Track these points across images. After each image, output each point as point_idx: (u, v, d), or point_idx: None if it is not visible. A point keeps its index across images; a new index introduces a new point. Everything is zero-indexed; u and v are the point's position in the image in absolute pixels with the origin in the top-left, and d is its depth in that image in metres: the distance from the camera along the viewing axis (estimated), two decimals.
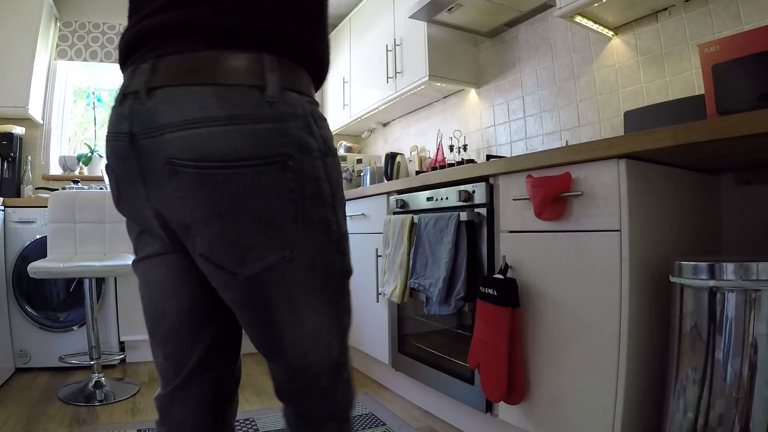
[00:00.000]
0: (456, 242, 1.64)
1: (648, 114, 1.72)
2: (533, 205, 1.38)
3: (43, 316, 2.54)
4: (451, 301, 1.64)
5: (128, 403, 2.09)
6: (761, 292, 0.94)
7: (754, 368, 0.94)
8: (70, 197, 2.46)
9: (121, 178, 0.70)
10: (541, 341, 1.38)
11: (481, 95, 2.73)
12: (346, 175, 3.36)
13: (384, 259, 2.07)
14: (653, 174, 1.23)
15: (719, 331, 0.99)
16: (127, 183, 0.69)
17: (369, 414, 1.96)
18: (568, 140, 2.16)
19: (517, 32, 2.46)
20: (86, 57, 3.29)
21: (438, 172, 1.85)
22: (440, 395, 1.89)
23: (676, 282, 1.09)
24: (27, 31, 2.87)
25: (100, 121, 3.53)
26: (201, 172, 0.60)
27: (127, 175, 0.68)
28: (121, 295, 2.69)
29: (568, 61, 2.17)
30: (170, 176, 0.62)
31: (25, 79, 2.86)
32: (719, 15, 1.59)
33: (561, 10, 1.76)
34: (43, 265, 2.09)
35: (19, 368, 2.53)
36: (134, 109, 0.64)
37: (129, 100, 0.64)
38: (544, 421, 1.38)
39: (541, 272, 1.38)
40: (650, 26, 1.82)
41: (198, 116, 0.60)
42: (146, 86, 0.62)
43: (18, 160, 3.01)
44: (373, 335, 2.35)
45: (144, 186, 0.66)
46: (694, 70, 1.67)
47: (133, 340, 2.73)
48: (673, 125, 1.03)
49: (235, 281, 0.65)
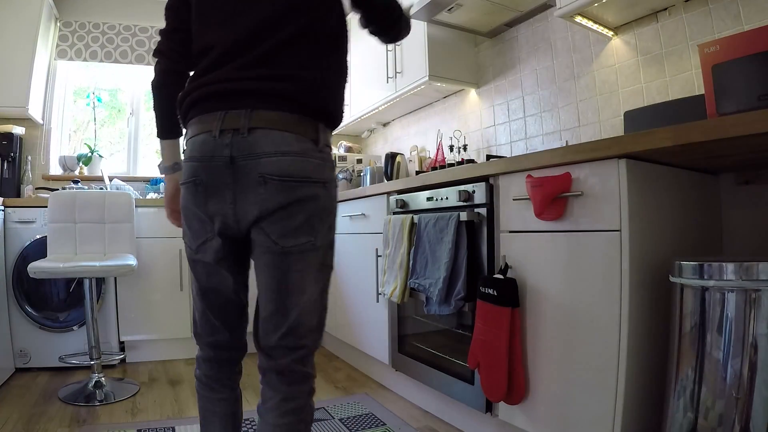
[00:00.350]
0: (456, 242, 1.64)
1: (648, 114, 1.72)
2: (533, 205, 1.38)
3: (43, 316, 2.54)
4: (451, 301, 1.64)
5: (128, 403, 2.09)
6: (761, 292, 0.94)
7: (754, 368, 0.94)
8: (70, 197, 2.46)
9: (211, 187, 0.98)
10: (541, 341, 1.38)
11: (481, 95, 2.73)
12: (347, 175, 3.36)
13: (384, 259, 2.07)
14: (653, 174, 1.24)
15: (719, 331, 0.99)
16: (216, 191, 0.98)
17: (369, 414, 1.96)
18: (568, 140, 2.16)
19: (517, 32, 2.46)
20: (86, 57, 3.29)
21: (438, 172, 1.85)
22: (440, 395, 1.89)
23: (676, 282, 1.09)
24: (27, 31, 2.87)
25: (100, 120, 3.53)
26: (282, 183, 0.95)
27: (220, 185, 0.97)
28: (121, 295, 2.69)
29: (568, 61, 2.17)
30: (260, 185, 0.95)
31: (25, 79, 2.86)
32: (719, 15, 1.59)
33: (561, 10, 1.76)
34: (43, 265, 2.09)
35: (19, 368, 2.53)
36: (235, 141, 0.95)
37: (229, 134, 0.95)
38: (544, 421, 1.38)
39: (541, 272, 1.38)
40: (650, 26, 1.82)
41: (285, 149, 0.95)
42: (248, 126, 0.94)
43: (18, 160, 3.01)
44: (373, 335, 2.35)
45: (233, 192, 0.97)
46: (694, 70, 1.67)
47: (133, 340, 2.73)
48: (673, 125, 1.03)
49: (275, 248, 0.97)
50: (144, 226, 2.74)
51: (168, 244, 2.78)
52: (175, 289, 2.79)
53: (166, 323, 2.76)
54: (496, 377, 1.44)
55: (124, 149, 3.59)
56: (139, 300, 2.72)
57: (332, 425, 1.85)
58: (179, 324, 2.79)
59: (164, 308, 2.76)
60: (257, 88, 0.96)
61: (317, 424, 1.86)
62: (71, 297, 2.58)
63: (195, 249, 1.05)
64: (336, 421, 1.89)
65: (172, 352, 2.83)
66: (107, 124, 3.66)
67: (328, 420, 1.90)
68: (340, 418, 1.92)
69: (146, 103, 3.72)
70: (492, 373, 1.46)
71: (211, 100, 0.98)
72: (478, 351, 1.51)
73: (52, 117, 3.25)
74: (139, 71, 3.58)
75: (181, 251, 2.77)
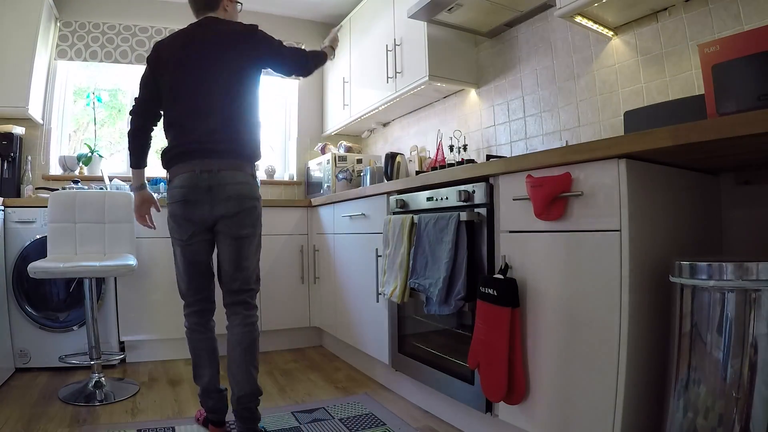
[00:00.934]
0: (456, 242, 1.64)
1: (648, 114, 1.72)
2: (533, 205, 1.38)
3: (43, 316, 2.54)
4: (451, 301, 1.64)
5: (128, 403, 2.09)
6: (761, 292, 0.94)
7: (754, 368, 0.94)
8: (69, 197, 2.46)
9: (194, 202, 1.66)
10: (541, 341, 1.38)
11: (481, 95, 2.73)
12: (347, 175, 3.36)
13: (384, 259, 2.07)
14: (653, 174, 1.24)
15: (719, 331, 0.99)
16: (198, 204, 1.66)
17: (369, 414, 1.96)
18: (568, 140, 2.16)
19: (517, 32, 2.46)
20: (86, 57, 3.29)
21: (438, 172, 1.85)
22: (440, 395, 1.89)
23: (676, 282, 1.09)
24: (27, 31, 2.87)
25: (100, 120, 3.53)
26: (239, 200, 1.67)
27: (201, 201, 1.66)
28: (121, 295, 2.69)
29: (568, 61, 2.17)
30: (226, 201, 1.66)
31: (25, 79, 2.86)
32: (719, 15, 1.59)
33: (561, 10, 1.76)
34: (43, 265, 2.09)
35: (19, 368, 2.53)
36: (211, 177, 1.64)
37: (206, 174, 1.64)
38: (544, 421, 1.38)
39: (541, 272, 1.38)
40: (650, 26, 1.82)
41: (238, 181, 1.67)
42: (218, 168, 1.64)
43: (18, 160, 3.01)
44: (373, 335, 2.36)
45: (210, 205, 1.66)
46: (694, 70, 1.67)
47: (133, 340, 2.73)
48: (673, 125, 1.03)
49: (234, 234, 1.69)
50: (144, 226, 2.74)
51: (168, 244, 2.76)
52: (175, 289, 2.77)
53: (166, 323, 2.76)
54: (496, 377, 1.44)
55: (124, 149, 3.58)
56: (139, 300, 2.72)
57: (332, 425, 1.85)
58: (179, 324, 2.75)
59: (164, 308, 2.76)
60: (217, 148, 1.66)
61: (318, 424, 1.86)
62: (71, 297, 2.58)
63: (186, 239, 1.72)
64: (336, 421, 1.89)
65: (172, 352, 2.83)
66: (107, 124, 3.66)
67: (328, 420, 1.90)
68: (340, 418, 1.92)
69: None
70: (492, 373, 1.46)
71: (191, 154, 1.66)
72: (478, 351, 1.51)
73: (52, 117, 3.25)
74: (139, 71, 3.56)
75: None
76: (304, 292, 3.15)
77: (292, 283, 3.10)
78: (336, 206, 2.77)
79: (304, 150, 4.02)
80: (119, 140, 3.64)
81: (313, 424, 1.87)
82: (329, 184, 3.38)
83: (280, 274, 3.07)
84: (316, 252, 3.08)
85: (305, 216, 3.18)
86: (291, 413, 1.98)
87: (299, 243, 3.14)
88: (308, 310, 3.15)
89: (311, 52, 1.90)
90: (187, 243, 1.72)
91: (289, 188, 3.98)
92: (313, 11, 3.90)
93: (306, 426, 1.85)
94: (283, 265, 3.08)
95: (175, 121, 1.69)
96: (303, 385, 2.38)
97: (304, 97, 4.03)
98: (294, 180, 3.96)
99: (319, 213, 3.03)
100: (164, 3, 3.56)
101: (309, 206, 3.18)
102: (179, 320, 2.98)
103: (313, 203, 3.12)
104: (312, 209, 3.16)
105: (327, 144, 3.85)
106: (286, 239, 3.10)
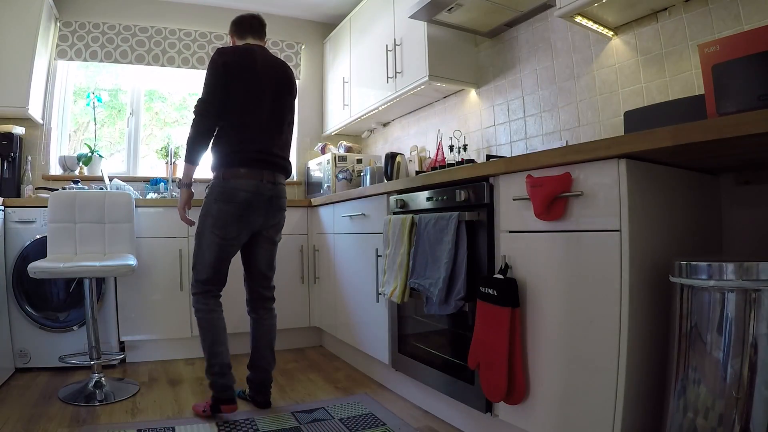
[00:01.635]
0: (456, 242, 1.64)
1: (648, 114, 1.72)
2: (533, 205, 1.38)
3: (43, 316, 2.54)
4: (451, 301, 1.64)
5: (128, 403, 2.09)
6: (761, 292, 0.94)
7: (754, 368, 0.94)
8: (69, 197, 2.46)
9: (255, 207, 1.94)
10: (541, 341, 1.38)
11: (481, 95, 2.73)
12: (346, 175, 3.36)
13: (384, 259, 2.07)
14: (653, 174, 1.24)
15: (719, 331, 0.99)
16: (258, 210, 1.95)
17: (369, 414, 1.96)
18: (568, 140, 2.16)
19: (517, 32, 2.46)
20: (86, 57, 3.29)
21: (438, 172, 1.85)
22: (440, 395, 1.89)
23: (676, 282, 1.09)
24: (27, 31, 2.87)
25: (100, 120, 3.53)
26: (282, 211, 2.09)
27: (260, 208, 1.95)
28: (121, 295, 2.69)
29: (568, 61, 2.17)
30: (278, 211, 2.05)
31: (25, 79, 2.86)
32: (719, 15, 1.59)
33: (561, 10, 1.76)
34: (43, 265, 2.09)
35: (19, 368, 2.53)
36: (273, 188, 1.99)
37: (270, 184, 1.97)
38: (544, 421, 1.38)
39: (541, 272, 1.38)
40: (650, 26, 1.82)
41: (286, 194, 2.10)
42: (278, 181, 2.02)
43: (18, 160, 3.01)
44: (373, 335, 2.36)
45: (266, 212, 1.99)
46: (694, 70, 1.67)
47: (133, 340, 2.73)
48: (673, 125, 1.03)
49: (273, 241, 2.11)
50: (144, 226, 2.74)
51: (168, 244, 2.79)
52: (175, 289, 2.79)
53: (166, 323, 2.76)
54: (496, 377, 1.44)
55: (124, 149, 3.59)
56: (139, 300, 2.72)
57: (332, 425, 1.85)
58: (179, 324, 2.79)
59: (164, 308, 2.76)
60: (278, 163, 2.00)
61: (318, 424, 1.86)
62: (71, 297, 2.58)
63: (231, 237, 1.93)
64: (336, 421, 1.89)
65: (172, 352, 2.83)
66: (107, 124, 3.66)
67: (328, 420, 1.90)
68: (340, 418, 1.92)
69: (146, 103, 3.72)
70: (492, 373, 1.46)
71: (258, 163, 1.93)
72: (478, 351, 1.52)
73: (52, 117, 3.25)
74: (139, 71, 3.58)
75: (181, 251, 2.78)
76: (304, 292, 3.15)
77: (292, 283, 3.10)
78: (336, 206, 2.77)
79: (304, 150, 4.02)
80: (119, 140, 3.64)
81: (313, 424, 1.87)
82: (329, 184, 3.38)
83: (280, 274, 3.02)
84: (316, 252, 3.08)
85: (305, 216, 3.18)
86: (291, 413, 1.98)
87: (299, 243, 3.14)
88: (308, 310, 3.15)
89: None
90: (230, 241, 1.93)
91: (289, 188, 3.97)
92: (313, 11, 3.90)
93: (306, 426, 1.85)
94: (283, 265, 3.07)
95: (244, 129, 1.92)
96: (303, 385, 2.38)
97: (304, 97, 4.03)
98: (294, 180, 3.96)
99: (319, 213, 3.03)
100: (164, 3, 3.56)
101: (309, 206, 3.18)
102: (179, 320, 2.98)
103: (313, 203, 3.12)
104: (312, 209, 3.16)
105: (327, 144, 3.85)
106: (286, 239, 3.08)
